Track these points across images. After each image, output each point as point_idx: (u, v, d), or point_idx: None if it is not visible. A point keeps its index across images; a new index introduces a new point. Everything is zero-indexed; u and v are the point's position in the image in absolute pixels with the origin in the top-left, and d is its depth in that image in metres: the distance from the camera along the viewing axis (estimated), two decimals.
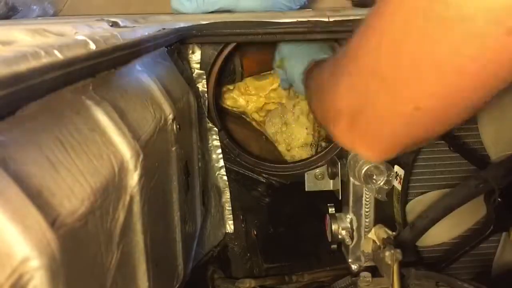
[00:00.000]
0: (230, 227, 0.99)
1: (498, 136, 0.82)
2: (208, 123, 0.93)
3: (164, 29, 0.69)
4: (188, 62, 0.88)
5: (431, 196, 0.85)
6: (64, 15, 0.99)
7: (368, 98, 0.44)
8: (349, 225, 0.86)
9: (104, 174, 0.39)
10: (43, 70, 0.31)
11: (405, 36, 0.37)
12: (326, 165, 0.93)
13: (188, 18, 0.82)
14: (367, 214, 0.86)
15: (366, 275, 0.76)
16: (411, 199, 0.86)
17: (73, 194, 0.33)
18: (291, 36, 0.81)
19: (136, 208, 0.46)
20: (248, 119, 1.09)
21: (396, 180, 0.82)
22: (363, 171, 0.79)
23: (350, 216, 0.86)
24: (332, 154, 0.95)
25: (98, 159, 0.39)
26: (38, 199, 0.29)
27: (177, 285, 0.69)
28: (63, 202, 0.32)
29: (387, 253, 0.71)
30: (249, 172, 0.97)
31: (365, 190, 0.84)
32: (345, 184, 0.88)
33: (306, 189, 0.95)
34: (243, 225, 1.00)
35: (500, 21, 0.31)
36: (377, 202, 0.85)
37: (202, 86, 0.90)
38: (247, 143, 1.04)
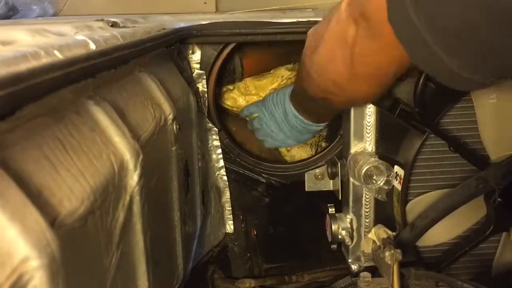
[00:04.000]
0: (230, 227, 0.99)
1: (498, 136, 0.82)
2: (208, 123, 0.93)
3: (164, 29, 0.69)
4: (188, 62, 0.88)
5: (431, 196, 0.85)
6: (64, 15, 0.99)
7: None
8: (349, 225, 0.86)
9: (104, 174, 0.39)
10: (43, 70, 0.31)
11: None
12: (326, 165, 0.93)
13: (188, 18, 0.82)
14: (367, 214, 0.86)
15: (366, 275, 0.76)
16: (411, 199, 0.86)
17: (73, 194, 0.33)
18: (291, 36, 0.81)
19: (136, 208, 0.46)
20: None
21: (396, 180, 0.82)
22: (363, 171, 0.78)
23: (350, 216, 0.86)
24: (332, 154, 0.95)
25: (98, 159, 0.39)
26: (38, 199, 0.29)
27: (177, 285, 0.69)
28: (63, 202, 0.32)
29: (387, 253, 0.71)
30: (249, 172, 0.97)
31: (365, 190, 0.84)
32: (345, 184, 0.88)
33: (306, 189, 0.95)
34: (243, 225, 1.00)
35: None
36: (377, 202, 0.85)
37: (202, 86, 0.90)
38: (247, 143, 1.04)
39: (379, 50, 0.52)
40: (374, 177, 0.79)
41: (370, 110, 0.81)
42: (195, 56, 0.89)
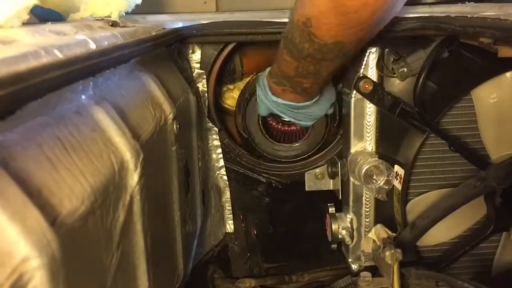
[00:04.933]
0: (230, 226, 0.99)
1: (498, 136, 0.82)
2: (208, 122, 0.93)
3: (164, 29, 0.69)
4: (188, 62, 0.88)
5: (432, 195, 0.85)
6: None
7: None
8: (349, 225, 0.86)
9: (104, 174, 0.39)
10: (43, 70, 0.31)
11: None
12: (326, 165, 0.93)
13: (188, 18, 0.82)
14: (367, 213, 0.86)
15: (366, 274, 0.76)
16: (412, 199, 0.86)
17: (73, 193, 0.33)
18: None
19: (136, 207, 0.46)
20: None
21: (396, 179, 0.82)
22: (363, 171, 0.79)
23: (350, 215, 0.86)
24: (332, 154, 0.95)
25: (98, 159, 0.39)
26: (38, 199, 0.29)
27: (177, 285, 0.69)
28: (63, 202, 0.32)
29: (387, 253, 0.71)
30: (249, 172, 0.97)
31: (365, 189, 0.84)
32: (345, 183, 0.88)
33: (306, 189, 0.95)
34: (243, 225, 1.00)
35: None
36: (377, 202, 0.85)
37: (202, 85, 0.90)
38: None
39: None
40: (374, 177, 0.79)
41: (370, 110, 0.82)
42: (195, 56, 0.89)
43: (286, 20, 0.80)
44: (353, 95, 0.81)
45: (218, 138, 0.94)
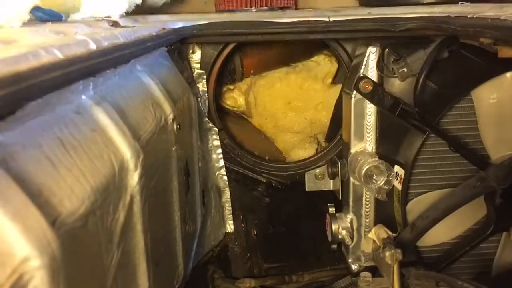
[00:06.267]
0: (230, 227, 0.99)
1: (498, 136, 0.82)
2: (208, 123, 0.93)
3: (164, 29, 0.69)
4: (189, 62, 0.88)
5: (432, 196, 0.85)
6: None
7: None
8: (349, 225, 0.86)
9: (105, 174, 0.39)
10: (43, 70, 0.31)
11: None
12: (326, 165, 0.93)
13: (188, 18, 0.82)
14: (367, 214, 0.86)
15: (366, 275, 0.76)
16: (412, 199, 0.86)
17: (73, 193, 0.33)
18: (291, 36, 0.81)
19: (137, 208, 0.46)
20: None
21: (397, 180, 0.82)
22: (363, 171, 0.78)
23: (350, 216, 0.86)
24: (332, 154, 0.95)
25: (99, 159, 0.39)
26: (39, 199, 0.29)
27: (177, 285, 0.69)
28: (63, 202, 0.32)
29: (387, 253, 0.71)
30: (249, 172, 0.97)
31: (365, 190, 0.84)
32: (345, 184, 0.88)
33: (306, 189, 0.95)
34: (243, 225, 1.00)
35: None
36: (377, 202, 0.85)
37: (202, 86, 0.90)
38: (247, 143, 1.04)
39: None
40: (374, 177, 0.79)
41: (371, 110, 0.82)
42: (195, 56, 0.89)
43: (286, 20, 0.80)
44: (353, 95, 0.81)
45: (218, 138, 0.94)
